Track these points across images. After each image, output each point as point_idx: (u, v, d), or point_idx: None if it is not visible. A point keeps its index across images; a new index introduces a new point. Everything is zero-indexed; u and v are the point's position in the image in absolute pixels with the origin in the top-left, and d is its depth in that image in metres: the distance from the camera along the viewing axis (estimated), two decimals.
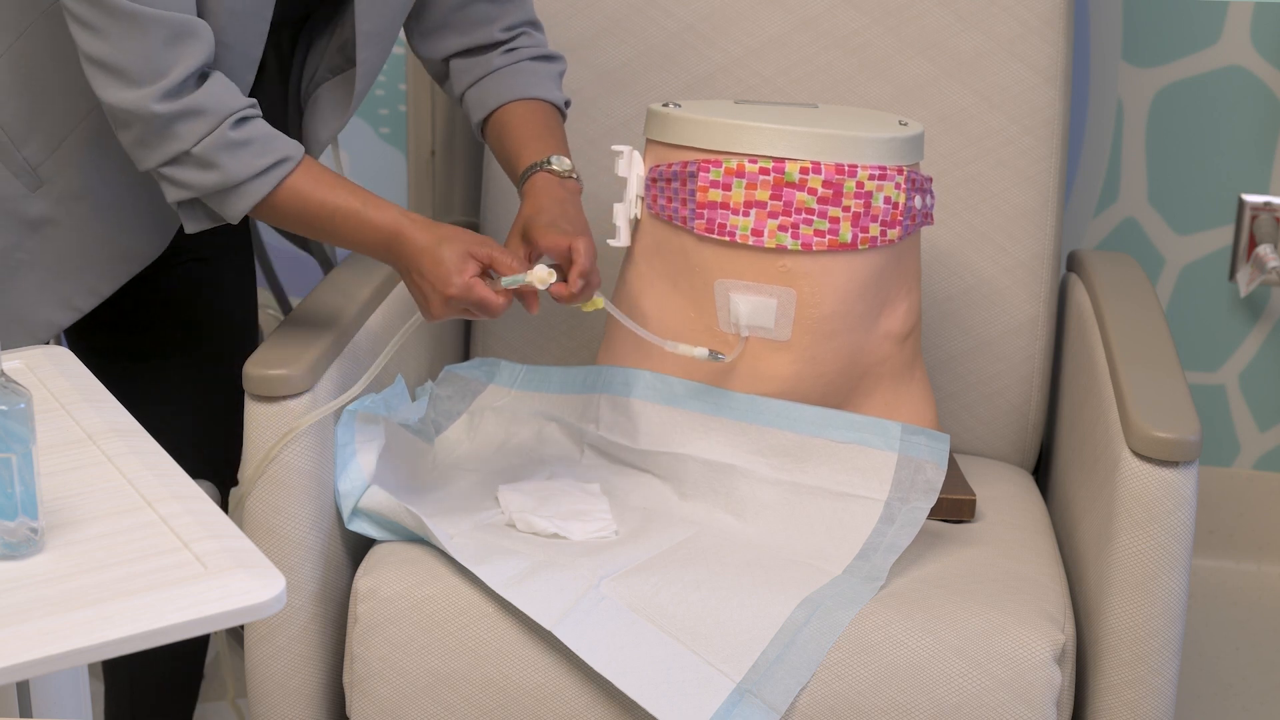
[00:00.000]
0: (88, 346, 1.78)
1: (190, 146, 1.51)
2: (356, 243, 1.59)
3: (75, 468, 1.29)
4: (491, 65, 1.80)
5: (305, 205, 1.56)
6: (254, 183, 1.54)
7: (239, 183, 1.53)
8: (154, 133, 1.51)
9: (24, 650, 1.05)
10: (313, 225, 1.58)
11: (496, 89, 1.79)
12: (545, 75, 1.81)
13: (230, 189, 1.54)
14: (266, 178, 1.54)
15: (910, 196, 1.74)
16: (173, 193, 1.55)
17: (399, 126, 2.51)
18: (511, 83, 1.79)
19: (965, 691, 1.53)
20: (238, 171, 1.52)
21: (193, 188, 1.54)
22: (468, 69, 1.81)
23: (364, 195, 1.57)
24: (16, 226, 1.65)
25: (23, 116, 1.63)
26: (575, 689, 1.57)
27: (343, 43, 1.73)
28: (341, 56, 1.74)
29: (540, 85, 1.80)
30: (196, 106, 1.50)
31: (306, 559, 1.65)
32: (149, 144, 1.52)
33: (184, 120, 1.50)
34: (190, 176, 1.53)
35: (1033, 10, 2.00)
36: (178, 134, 1.51)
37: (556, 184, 1.69)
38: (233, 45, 1.58)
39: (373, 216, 1.57)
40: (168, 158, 1.52)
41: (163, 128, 1.50)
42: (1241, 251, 2.41)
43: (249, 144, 1.53)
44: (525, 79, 1.80)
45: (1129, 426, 1.58)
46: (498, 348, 2.10)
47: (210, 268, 1.83)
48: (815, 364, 1.75)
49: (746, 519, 1.72)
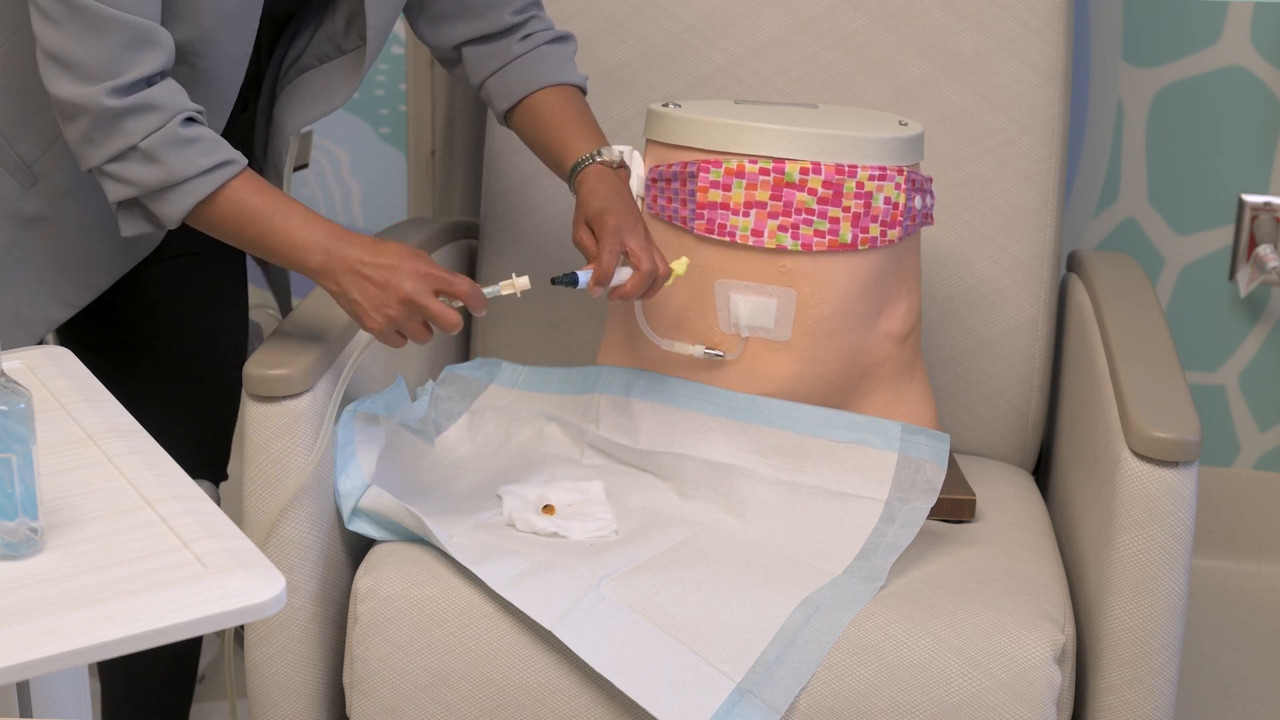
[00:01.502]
0: (79, 342, 1.78)
1: (138, 141, 1.49)
2: (290, 250, 1.55)
3: (75, 468, 1.29)
4: (511, 53, 1.80)
5: (243, 210, 1.54)
6: (197, 181, 1.52)
7: (182, 180, 1.51)
8: (102, 127, 1.49)
9: (24, 650, 1.05)
10: (247, 233, 1.55)
11: (521, 77, 1.80)
12: (565, 58, 1.82)
13: (173, 186, 1.51)
14: (210, 177, 1.52)
15: (910, 197, 1.74)
16: (115, 190, 1.52)
17: (399, 126, 2.51)
18: (535, 70, 1.80)
19: (965, 691, 1.53)
20: (182, 169, 1.51)
21: (136, 184, 1.51)
22: (485, 56, 1.81)
23: (304, 207, 1.57)
24: (11, 224, 1.65)
25: (15, 115, 1.63)
26: (575, 689, 1.57)
27: (333, 32, 1.72)
28: (331, 45, 1.73)
29: (563, 69, 1.81)
30: (148, 102, 1.49)
31: (306, 559, 1.65)
32: (95, 140, 1.50)
33: (134, 115, 1.49)
34: (134, 173, 1.51)
35: (1033, 10, 2.00)
36: (126, 129, 1.49)
37: (611, 175, 1.71)
38: (221, 43, 1.58)
39: (312, 224, 1.55)
40: (114, 154, 1.50)
41: (112, 122, 1.49)
42: (1241, 251, 2.41)
43: (196, 142, 1.52)
44: (548, 65, 1.80)
45: (1129, 426, 1.58)
46: (498, 348, 2.10)
47: (201, 263, 1.83)
48: (815, 364, 1.75)
49: (747, 519, 1.72)
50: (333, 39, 1.73)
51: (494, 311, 2.10)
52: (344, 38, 1.72)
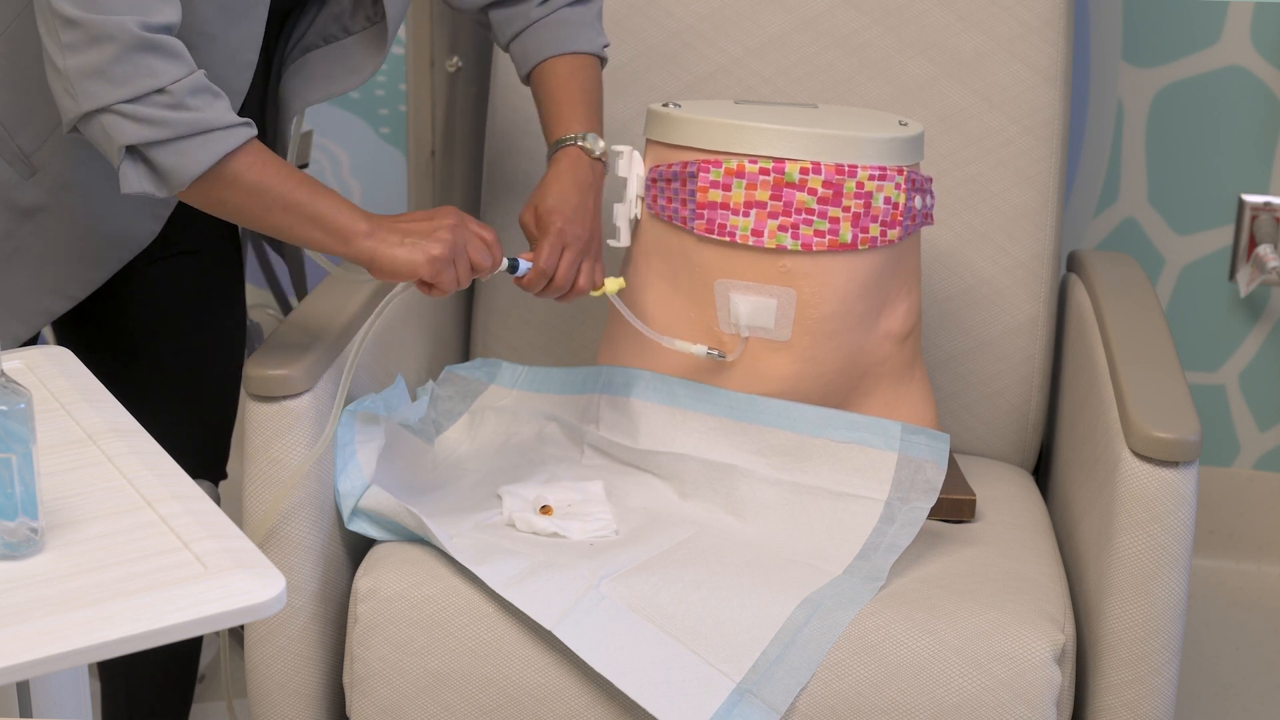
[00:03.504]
0: (78, 341, 1.78)
1: (167, 84, 1.43)
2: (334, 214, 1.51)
3: (75, 468, 1.29)
4: (530, 17, 1.79)
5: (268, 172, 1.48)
6: (226, 133, 1.46)
7: (212, 128, 1.45)
8: (128, 61, 1.41)
9: (24, 650, 1.05)
10: (270, 198, 1.49)
11: (536, 43, 1.78)
12: (582, 23, 1.79)
13: (200, 134, 1.45)
14: (239, 131, 1.47)
15: (910, 197, 1.74)
16: (130, 132, 1.43)
17: (399, 126, 2.51)
18: (550, 36, 1.78)
19: (965, 691, 1.53)
20: (214, 117, 1.45)
21: (161, 125, 1.43)
22: (507, 20, 1.80)
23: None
24: (10, 214, 1.65)
25: (15, 105, 1.62)
26: (575, 689, 1.57)
27: (339, 12, 1.71)
28: (338, 25, 1.72)
29: (578, 36, 1.78)
30: (175, 48, 1.44)
31: (306, 559, 1.65)
32: (114, 75, 1.41)
33: (162, 56, 1.43)
34: (160, 114, 1.43)
35: (1033, 10, 2.00)
36: (154, 69, 1.42)
37: (584, 167, 1.70)
38: (217, 38, 1.55)
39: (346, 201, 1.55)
40: (135, 94, 1.42)
41: (140, 57, 1.41)
42: (1241, 251, 2.41)
43: (221, 96, 1.47)
44: (563, 31, 1.78)
45: (1129, 426, 1.58)
46: (498, 348, 2.10)
47: (199, 262, 1.83)
48: (815, 364, 1.75)
49: (747, 519, 1.72)
50: (339, 19, 1.71)
51: (494, 312, 2.10)
52: (350, 19, 1.71)
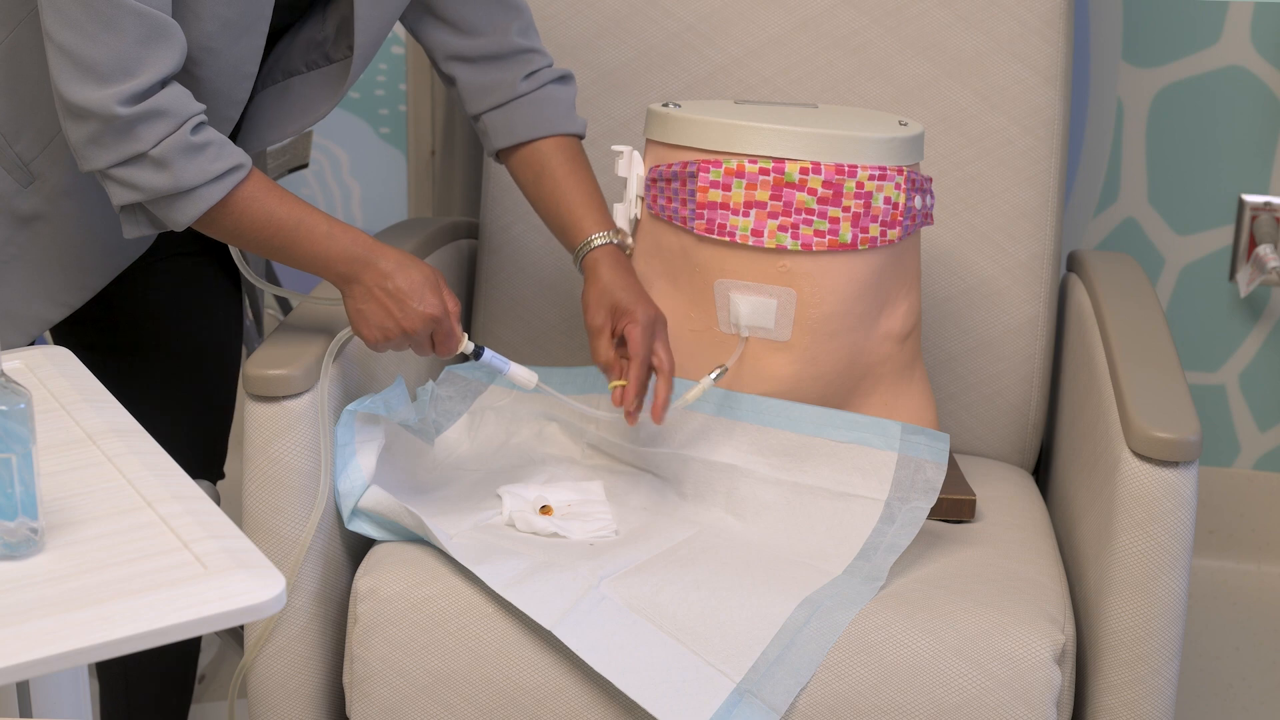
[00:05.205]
0: (76, 342, 1.78)
1: (148, 148, 1.48)
2: (313, 254, 1.57)
3: (75, 468, 1.29)
4: (516, 90, 1.78)
5: (259, 213, 1.54)
6: (207, 188, 1.51)
7: (191, 188, 1.51)
8: (113, 133, 1.48)
9: (24, 650, 1.05)
10: (263, 236, 1.56)
11: (523, 120, 1.78)
12: (569, 103, 1.81)
13: (182, 194, 1.51)
14: (219, 184, 1.52)
15: (910, 197, 1.74)
16: (121, 194, 1.51)
17: (399, 126, 2.51)
18: (536, 114, 1.78)
19: (965, 691, 1.53)
20: (191, 176, 1.50)
21: (143, 190, 1.50)
22: (484, 90, 1.79)
23: (324, 214, 1.58)
24: (8, 222, 1.65)
25: (14, 113, 1.62)
26: (575, 689, 1.57)
27: (322, 38, 1.71)
28: (319, 52, 1.72)
29: (567, 117, 1.79)
30: (159, 108, 1.48)
31: (306, 559, 1.65)
32: (103, 143, 1.48)
33: (145, 122, 1.48)
34: (143, 178, 1.50)
35: (1033, 10, 2.00)
36: (138, 135, 1.48)
37: (624, 259, 1.74)
38: (220, 52, 1.56)
39: (339, 230, 1.57)
40: (122, 159, 1.49)
41: (123, 129, 1.47)
42: (1241, 251, 2.41)
43: (205, 148, 1.51)
44: (553, 111, 1.79)
45: (1129, 426, 1.58)
46: (498, 349, 2.10)
47: (197, 263, 1.83)
48: (815, 364, 1.75)
49: (747, 519, 1.72)
50: (321, 46, 1.71)
51: (494, 313, 2.10)
52: (333, 46, 1.71)
